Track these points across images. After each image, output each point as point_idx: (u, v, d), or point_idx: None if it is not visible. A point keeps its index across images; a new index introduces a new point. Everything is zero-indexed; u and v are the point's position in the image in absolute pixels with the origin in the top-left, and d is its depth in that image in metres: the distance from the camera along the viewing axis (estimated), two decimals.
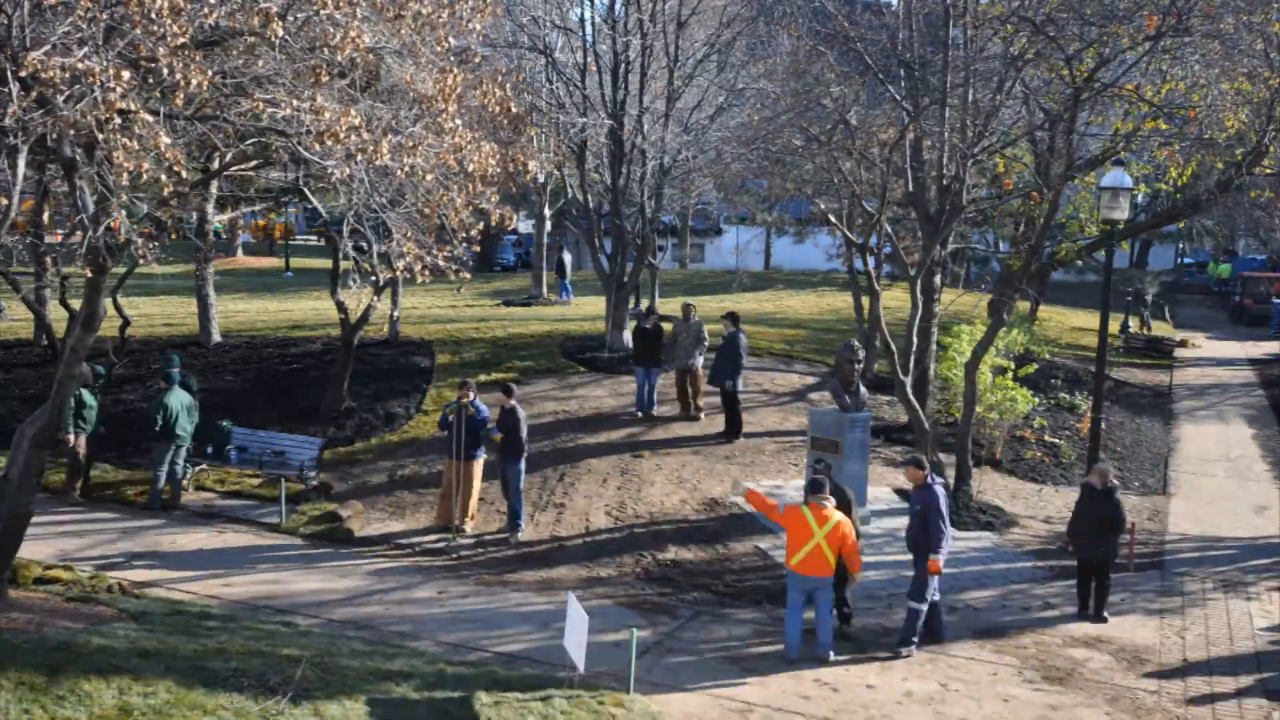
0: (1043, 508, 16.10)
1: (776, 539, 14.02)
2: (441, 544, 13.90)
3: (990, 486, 16.58)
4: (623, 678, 9.87)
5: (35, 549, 12.63)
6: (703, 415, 17.86)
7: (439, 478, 15.70)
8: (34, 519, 10.75)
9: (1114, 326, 28.25)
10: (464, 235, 10.93)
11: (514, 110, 10.58)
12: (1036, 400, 18.92)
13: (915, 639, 11.16)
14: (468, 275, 11.00)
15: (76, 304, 10.57)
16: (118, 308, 16.09)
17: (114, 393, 18.81)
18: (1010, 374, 17.97)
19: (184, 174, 8.66)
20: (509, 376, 18.30)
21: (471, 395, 14.33)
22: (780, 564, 13.21)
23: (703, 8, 22.87)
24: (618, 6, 21.97)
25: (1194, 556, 14.42)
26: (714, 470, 16.09)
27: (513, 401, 14.35)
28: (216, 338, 22.21)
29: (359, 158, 9.04)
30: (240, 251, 47.67)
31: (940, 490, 11.32)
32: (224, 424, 16.40)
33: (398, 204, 10.94)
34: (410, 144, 9.48)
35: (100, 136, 7.82)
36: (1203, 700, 10.30)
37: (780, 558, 13.41)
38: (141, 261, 9.31)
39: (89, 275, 9.45)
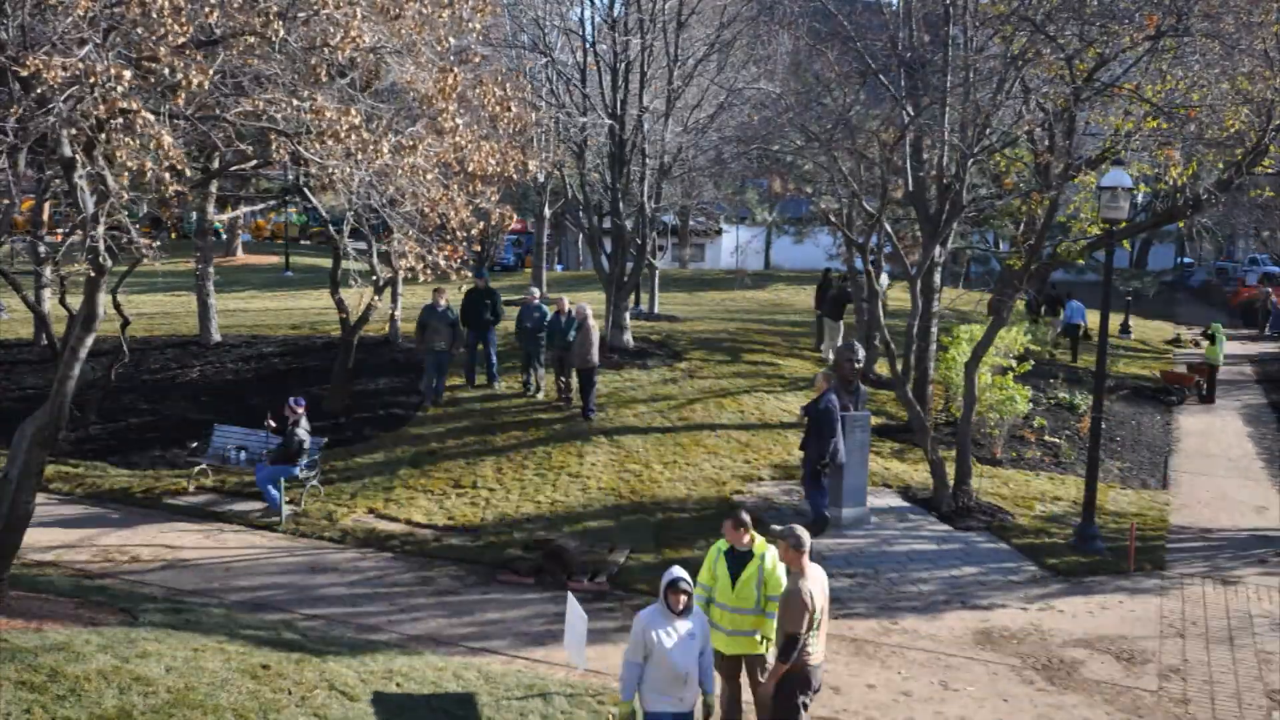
0: (1043, 507, 16.10)
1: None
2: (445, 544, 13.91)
3: (990, 486, 16.58)
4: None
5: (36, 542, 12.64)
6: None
7: (438, 477, 15.72)
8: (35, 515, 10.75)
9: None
10: (464, 235, 10.93)
11: (514, 110, 10.58)
12: (1031, 401, 18.92)
13: None
14: (468, 275, 11.00)
15: (76, 303, 10.57)
16: (117, 307, 16.08)
17: (114, 394, 18.82)
18: (1011, 374, 18.00)
19: (185, 173, 8.66)
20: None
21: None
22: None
23: (703, 8, 22.89)
24: (618, 6, 21.99)
25: (1194, 555, 14.41)
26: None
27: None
28: (216, 337, 22.21)
29: (359, 157, 9.04)
30: (240, 251, 47.68)
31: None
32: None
33: (398, 204, 10.93)
34: (410, 143, 9.48)
35: (101, 136, 7.82)
36: (1203, 699, 10.30)
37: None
38: (142, 261, 9.32)
39: (89, 275, 9.45)
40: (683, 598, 7.69)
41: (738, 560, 8.53)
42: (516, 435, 17.22)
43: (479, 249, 25.13)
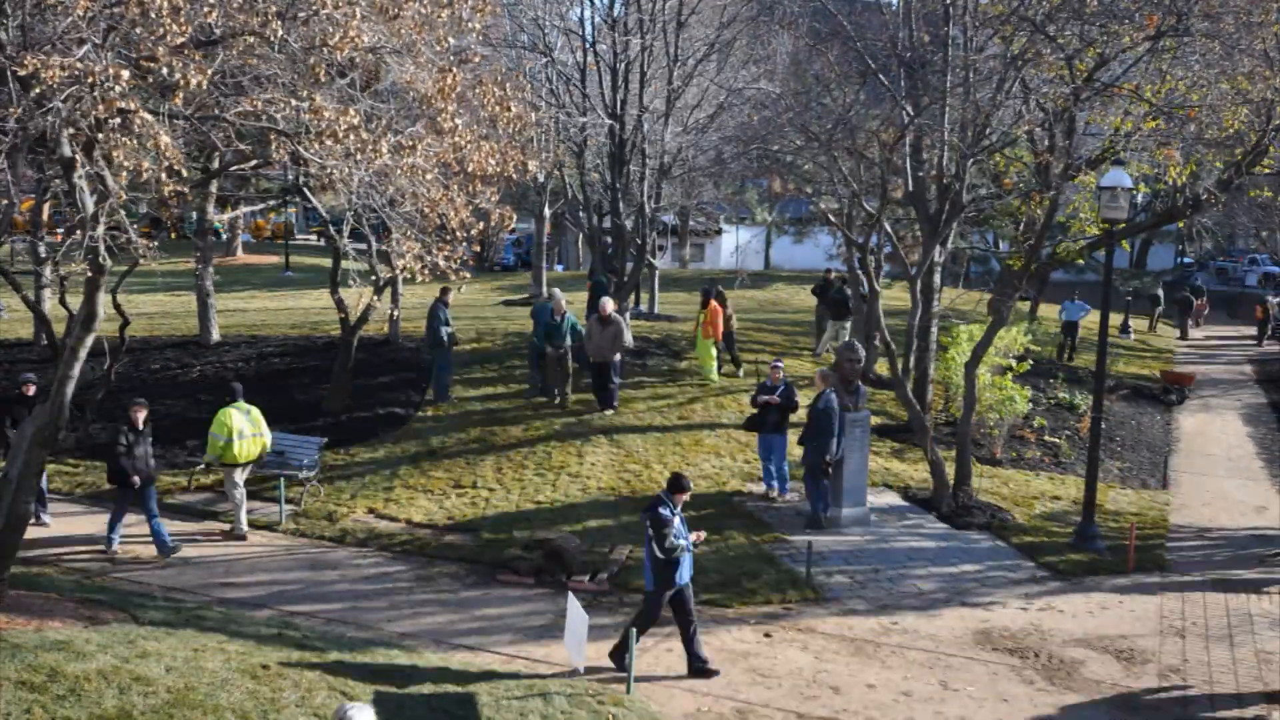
0: (1043, 507, 16.10)
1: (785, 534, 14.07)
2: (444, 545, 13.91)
3: (990, 486, 16.58)
4: (622, 677, 9.88)
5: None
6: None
7: (438, 476, 15.73)
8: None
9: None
10: (464, 235, 10.92)
11: (514, 110, 10.57)
12: (1031, 401, 18.92)
13: None
14: (467, 275, 10.99)
15: (76, 303, 10.57)
16: (117, 307, 16.09)
17: (114, 394, 18.81)
18: (1010, 374, 18.01)
19: (184, 173, 8.66)
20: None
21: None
22: (787, 559, 13.22)
23: (702, 8, 22.91)
24: (618, 6, 22.01)
25: (1195, 555, 14.42)
26: None
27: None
28: (216, 337, 22.21)
29: (358, 157, 9.03)
30: (240, 250, 47.68)
31: None
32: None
33: (398, 204, 10.93)
34: (409, 143, 9.48)
35: (99, 136, 7.82)
36: (1202, 699, 10.31)
37: (787, 552, 13.43)
38: (141, 261, 9.31)
39: (89, 275, 9.45)
40: None
41: None
42: (516, 435, 17.22)
43: (479, 249, 25.16)
